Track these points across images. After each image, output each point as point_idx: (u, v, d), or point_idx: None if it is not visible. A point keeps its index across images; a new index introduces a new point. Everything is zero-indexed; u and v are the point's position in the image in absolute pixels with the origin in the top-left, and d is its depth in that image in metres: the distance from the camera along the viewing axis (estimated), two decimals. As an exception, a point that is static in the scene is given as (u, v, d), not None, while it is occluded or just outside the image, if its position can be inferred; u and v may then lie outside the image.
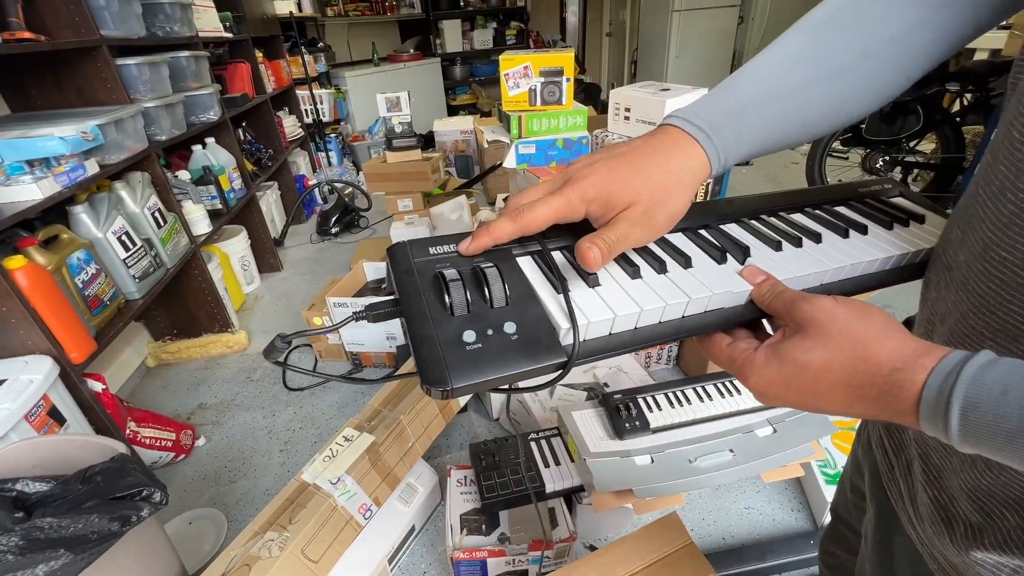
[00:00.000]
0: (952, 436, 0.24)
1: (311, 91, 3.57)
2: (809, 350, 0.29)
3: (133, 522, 0.69)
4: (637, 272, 0.37)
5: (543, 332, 0.32)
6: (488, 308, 0.33)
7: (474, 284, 0.34)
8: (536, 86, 1.24)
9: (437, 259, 0.35)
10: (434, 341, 0.31)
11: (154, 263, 1.51)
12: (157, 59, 1.63)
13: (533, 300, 0.34)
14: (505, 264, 0.36)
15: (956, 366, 0.25)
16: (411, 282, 0.34)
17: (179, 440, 1.42)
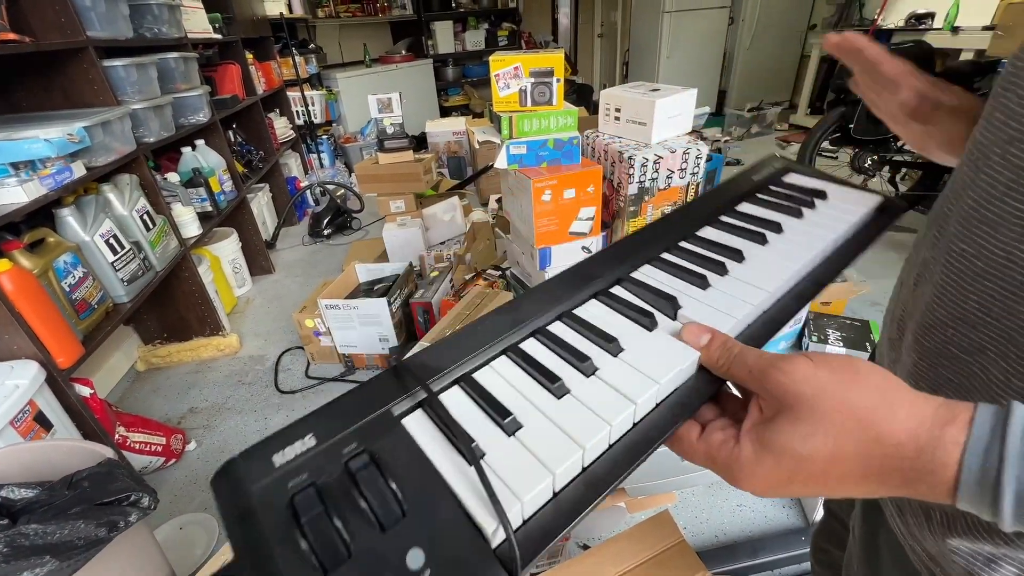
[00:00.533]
0: (1003, 522, 0.21)
1: (302, 92, 3.56)
2: (807, 439, 0.24)
3: (121, 528, 0.69)
4: (563, 388, 0.30)
5: (464, 544, 0.23)
6: (378, 535, 0.23)
7: (347, 500, 0.24)
8: (526, 87, 1.24)
9: (287, 472, 0.25)
10: None
11: (143, 266, 1.50)
12: (145, 60, 1.62)
13: (439, 489, 0.25)
14: (387, 440, 0.27)
15: (994, 439, 0.21)
16: (252, 533, 0.23)
17: (169, 445, 1.41)
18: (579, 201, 1.28)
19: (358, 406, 0.28)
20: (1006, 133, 0.28)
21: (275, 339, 2.00)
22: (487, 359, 0.33)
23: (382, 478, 0.25)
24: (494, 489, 0.24)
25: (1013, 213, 0.27)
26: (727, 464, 0.27)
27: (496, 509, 0.23)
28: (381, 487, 0.24)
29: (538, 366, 0.31)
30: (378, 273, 1.86)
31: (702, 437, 0.28)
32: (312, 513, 0.23)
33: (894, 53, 1.81)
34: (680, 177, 1.26)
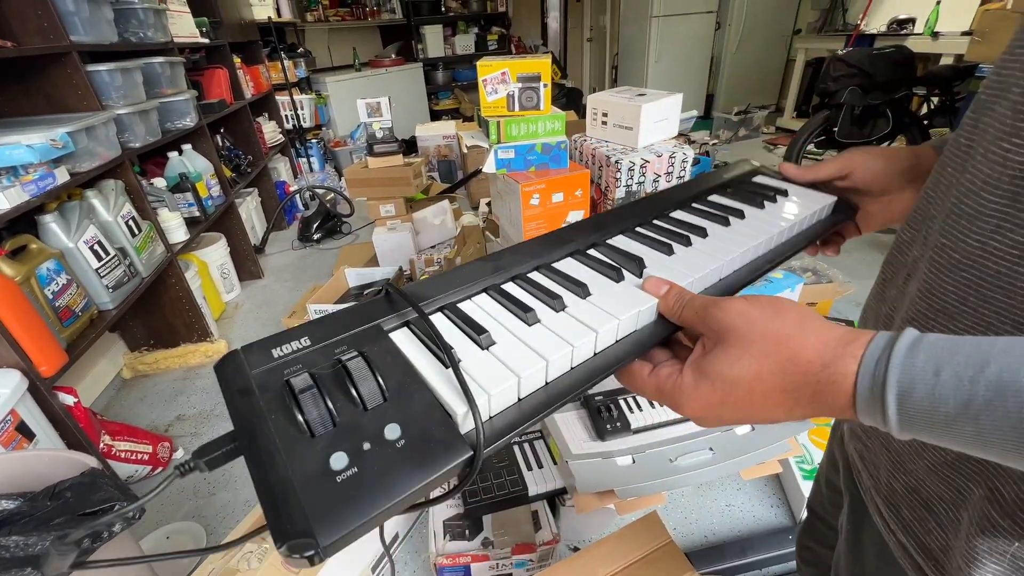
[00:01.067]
0: (891, 426, 0.24)
1: (291, 97, 3.54)
2: (735, 362, 0.28)
3: (105, 538, 0.68)
4: (534, 317, 0.33)
5: (436, 425, 0.26)
6: (361, 413, 0.26)
7: (337, 386, 0.27)
8: (514, 92, 1.24)
9: (284, 362, 0.28)
10: (288, 484, 0.23)
11: (128, 272, 1.48)
12: (130, 65, 1.61)
13: (418, 385, 0.28)
14: (376, 346, 0.30)
15: (884, 350, 0.24)
16: (250, 405, 0.26)
17: (156, 453, 1.39)
18: (567, 205, 1.29)
19: (351, 319, 0.32)
20: (989, 133, 0.30)
21: (264, 345, 1.98)
22: (470, 295, 0.37)
23: (368, 369, 0.28)
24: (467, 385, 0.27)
25: (988, 207, 0.29)
26: (671, 392, 0.31)
27: (466, 396, 0.27)
28: (366, 376, 0.27)
29: (514, 300, 0.36)
30: (368, 277, 1.85)
31: (653, 372, 0.32)
32: (303, 389, 0.26)
33: (875, 57, 1.85)
34: (667, 181, 1.27)
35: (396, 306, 0.34)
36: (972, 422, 0.22)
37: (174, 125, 1.95)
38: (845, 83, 2.27)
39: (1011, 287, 0.27)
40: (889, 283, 0.40)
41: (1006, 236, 0.27)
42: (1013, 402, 0.20)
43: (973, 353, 0.22)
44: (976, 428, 0.22)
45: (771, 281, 1.57)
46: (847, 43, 3.51)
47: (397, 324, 0.34)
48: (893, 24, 3.34)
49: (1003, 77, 0.30)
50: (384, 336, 0.32)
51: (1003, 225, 0.27)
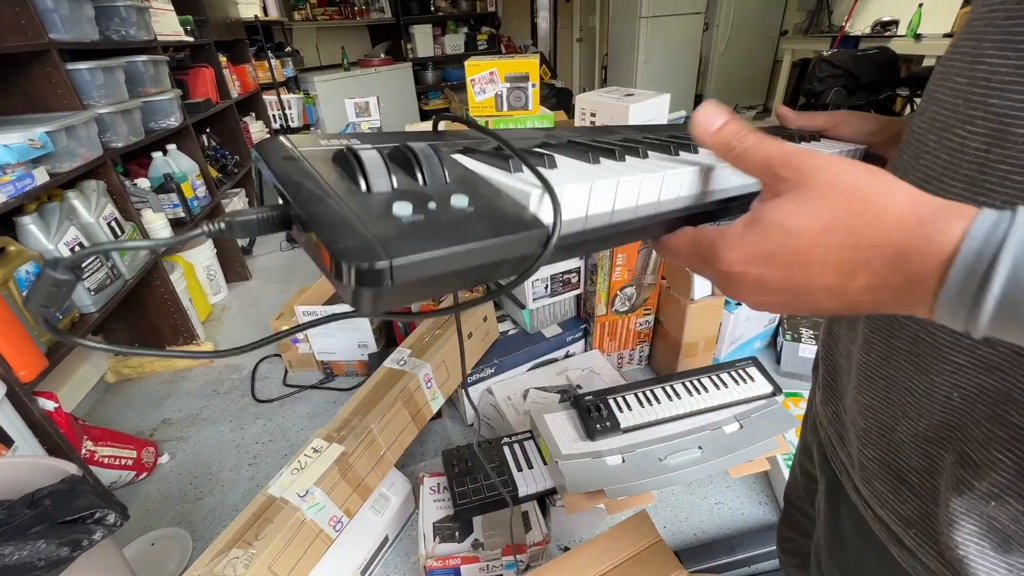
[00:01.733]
0: (987, 305, 0.19)
1: (279, 96, 3.51)
2: (804, 213, 0.23)
3: (84, 546, 0.66)
4: (596, 158, 0.31)
5: (507, 204, 0.24)
6: (423, 186, 0.24)
7: (398, 165, 0.25)
8: (502, 91, 1.24)
9: (329, 148, 0.26)
10: (345, 217, 0.20)
11: (111, 275, 1.46)
12: (111, 64, 1.58)
13: (482, 181, 0.26)
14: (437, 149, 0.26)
15: (1003, 216, 0.20)
16: (298, 168, 0.24)
17: (140, 458, 1.37)
18: (556, 205, 1.29)
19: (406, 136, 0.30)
20: (940, 121, 0.31)
21: (252, 347, 1.96)
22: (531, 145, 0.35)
23: (436, 157, 0.25)
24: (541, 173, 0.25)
25: (949, 192, 0.30)
26: (711, 242, 0.26)
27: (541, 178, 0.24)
28: (429, 156, 0.25)
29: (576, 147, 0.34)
30: (357, 278, 1.84)
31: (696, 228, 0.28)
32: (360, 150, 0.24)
33: (860, 58, 1.89)
34: (655, 180, 1.28)
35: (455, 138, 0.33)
36: None
37: (158, 125, 1.92)
38: (830, 84, 2.30)
39: None
40: None
41: None
42: None
43: None
44: None
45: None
46: (832, 44, 3.56)
47: (457, 148, 0.32)
48: (877, 26, 3.39)
49: (947, 67, 0.31)
50: (447, 154, 0.29)
51: None
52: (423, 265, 0.19)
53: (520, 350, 1.41)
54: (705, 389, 1.14)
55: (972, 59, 0.29)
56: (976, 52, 0.29)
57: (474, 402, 1.42)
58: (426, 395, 1.20)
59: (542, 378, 1.40)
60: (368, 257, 0.18)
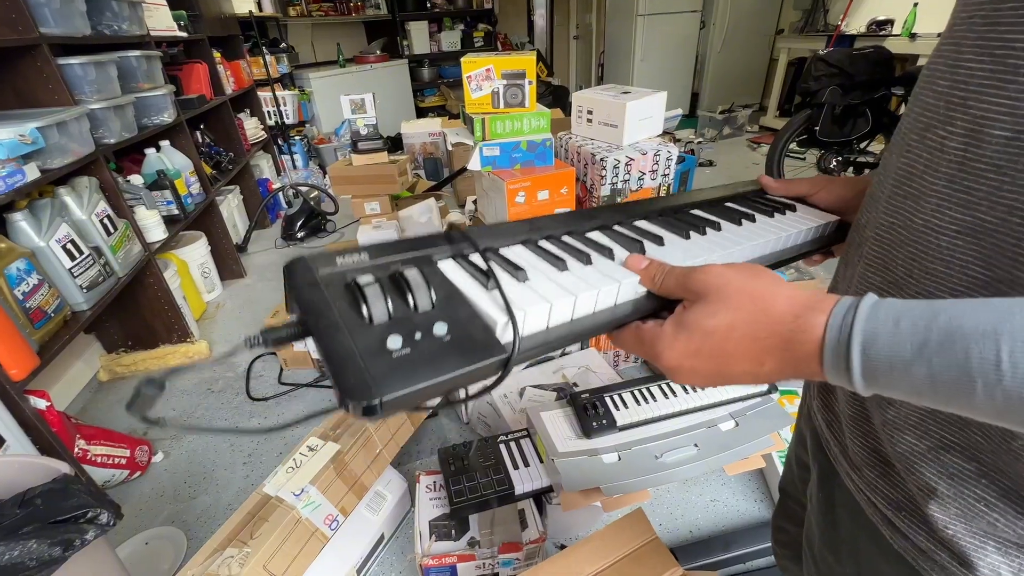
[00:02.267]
0: (855, 375, 0.25)
1: (273, 92, 3.48)
2: (712, 315, 0.31)
3: (77, 546, 0.66)
4: (564, 265, 0.37)
5: (478, 330, 0.30)
6: (412, 312, 0.30)
7: (394, 289, 0.31)
8: (499, 88, 1.24)
9: (346, 270, 0.32)
10: (351, 351, 0.27)
11: (104, 272, 1.44)
12: (104, 59, 1.56)
13: (461, 301, 0.32)
14: (427, 267, 0.34)
15: (851, 306, 0.27)
16: (317, 294, 0.30)
17: (134, 457, 1.36)
18: (553, 203, 1.28)
19: (404, 246, 0.36)
20: (922, 122, 0.32)
21: (247, 345, 1.95)
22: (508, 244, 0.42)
23: (421, 278, 0.32)
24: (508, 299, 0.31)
25: (930, 188, 0.31)
26: (651, 341, 0.33)
27: (507, 306, 0.31)
28: (419, 284, 0.31)
29: (547, 252, 0.40)
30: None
31: (637, 325, 0.36)
32: (367, 284, 0.30)
33: (855, 57, 1.89)
34: (652, 178, 1.28)
35: (445, 242, 0.38)
36: (926, 364, 0.24)
37: (151, 121, 1.90)
38: (826, 82, 2.31)
39: (950, 259, 0.30)
40: (846, 263, 0.43)
41: (945, 214, 0.30)
42: (960, 344, 0.23)
43: (926, 307, 0.25)
44: (929, 371, 0.23)
45: (754, 278, 1.59)
46: (828, 43, 3.57)
47: (445, 255, 0.38)
48: (872, 25, 3.40)
49: (931, 71, 0.33)
50: (433, 263, 0.36)
51: (943, 204, 0.30)
52: (406, 397, 0.26)
53: (516, 348, 1.41)
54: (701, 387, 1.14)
55: (953, 63, 0.30)
56: (956, 56, 0.30)
57: (470, 400, 1.42)
58: (422, 393, 1.19)
59: (539, 376, 1.40)
60: (363, 397, 0.25)
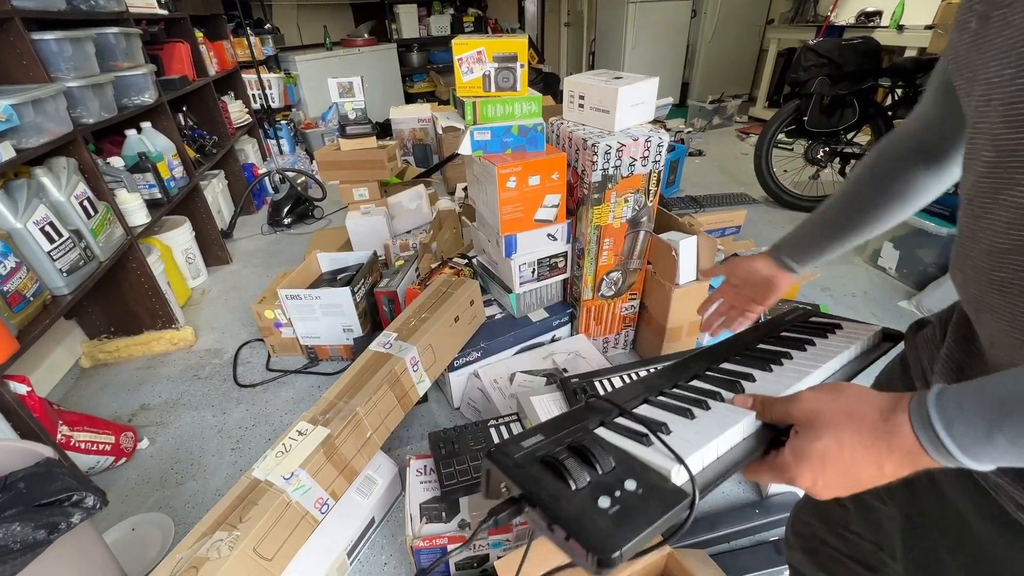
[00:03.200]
0: (962, 460, 0.30)
1: (258, 75, 3.40)
2: (818, 438, 0.36)
3: (62, 529, 0.65)
4: (691, 414, 0.44)
5: (659, 479, 0.36)
6: (602, 475, 0.37)
7: (580, 458, 0.38)
8: (490, 72, 1.22)
9: (531, 449, 0.40)
10: (579, 518, 0.33)
11: (84, 256, 1.41)
12: (80, 35, 1.51)
13: (632, 458, 0.39)
14: (590, 436, 0.41)
15: (921, 400, 0.32)
16: (524, 475, 0.37)
17: (119, 443, 1.34)
18: (544, 188, 1.28)
19: (565, 422, 0.44)
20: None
21: (233, 331, 1.92)
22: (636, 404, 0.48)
23: (599, 447, 0.38)
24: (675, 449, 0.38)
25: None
26: (781, 470, 0.38)
27: (676, 456, 0.37)
28: (599, 452, 0.38)
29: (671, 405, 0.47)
30: (341, 262, 1.81)
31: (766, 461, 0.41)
32: (563, 460, 0.37)
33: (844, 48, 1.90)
34: (643, 165, 1.28)
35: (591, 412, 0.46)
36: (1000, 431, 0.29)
37: (131, 101, 1.85)
38: (815, 73, 2.32)
39: None
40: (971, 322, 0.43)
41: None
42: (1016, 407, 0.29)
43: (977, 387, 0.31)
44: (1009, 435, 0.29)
45: (742, 266, 1.60)
46: (817, 33, 3.58)
47: (596, 423, 0.45)
48: (861, 16, 3.42)
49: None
50: (591, 432, 0.43)
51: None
52: (633, 546, 0.32)
53: (507, 334, 1.41)
54: (689, 372, 1.16)
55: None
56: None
57: (461, 385, 1.42)
58: (412, 378, 1.19)
59: (528, 362, 1.40)
60: (607, 551, 0.31)
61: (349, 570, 1.09)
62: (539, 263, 1.39)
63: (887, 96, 2.56)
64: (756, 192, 2.84)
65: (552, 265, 1.42)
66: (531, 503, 0.35)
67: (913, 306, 1.84)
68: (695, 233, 1.42)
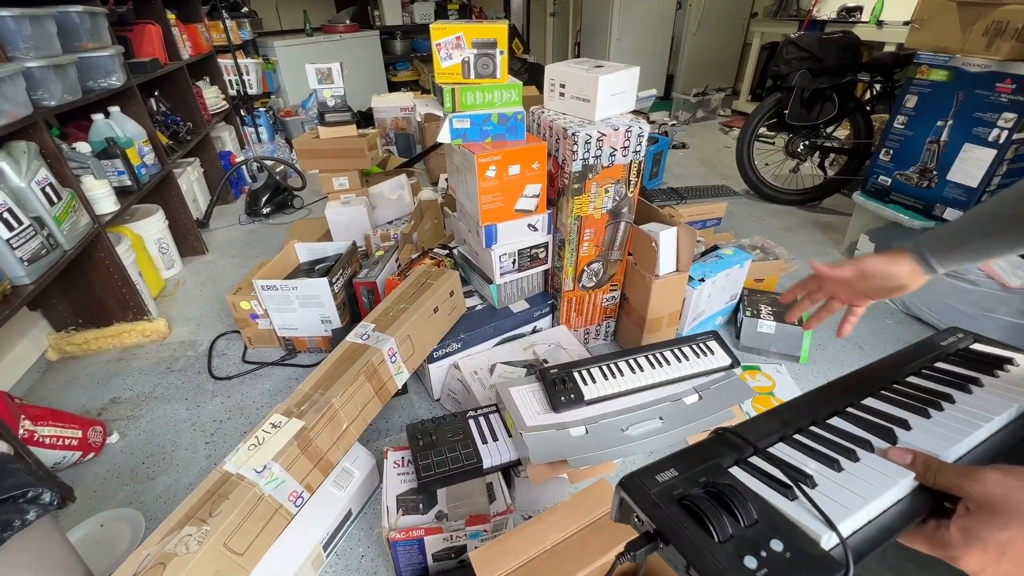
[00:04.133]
0: None
1: (235, 60, 3.30)
2: (1004, 527, 0.33)
3: (16, 527, 0.62)
4: (838, 465, 0.41)
5: (807, 543, 0.34)
6: (744, 528, 0.35)
7: (719, 504, 0.36)
8: (469, 58, 1.20)
9: (666, 485, 0.39)
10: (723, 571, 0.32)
11: (47, 244, 1.35)
12: (40, 12, 1.44)
13: (774, 512, 0.36)
14: (726, 478, 0.39)
15: None
16: (662, 515, 0.36)
17: (87, 438, 1.30)
18: (524, 178, 1.27)
19: (696, 456, 0.42)
20: None
21: (209, 323, 1.88)
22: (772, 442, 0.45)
23: (740, 494, 0.36)
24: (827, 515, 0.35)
25: None
26: (942, 546, 0.35)
27: (829, 524, 0.35)
28: (742, 501, 0.36)
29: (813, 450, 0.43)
30: (320, 253, 1.78)
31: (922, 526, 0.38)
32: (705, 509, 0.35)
33: (825, 42, 1.91)
34: (623, 155, 1.27)
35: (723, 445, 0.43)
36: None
37: (97, 84, 1.78)
38: (796, 66, 2.33)
39: None
40: None
41: None
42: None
43: None
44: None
45: (721, 257, 1.62)
46: (800, 27, 3.61)
47: (730, 462, 0.42)
48: (842, 11, 3.45)
49: None
50: (726, 471, 0.40)
51: None
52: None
53: (487, 325, 1.40)
54: (667, 362, 1.17)
55: None
56: None
57: (441, 377, 1.41)
58: (390, 369, 1.18)
59: (509, 353, 1.40)
60: None
61: (325, 563, 1.08)
62: (520, 254, 1.38)
63: (866, 91, 2.60)
64: (738, 185, 2.86)
65: (533, 256, 1.41)
66: (666, 540, 0.35)
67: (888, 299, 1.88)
68: (676, 224, 1.42)
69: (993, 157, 1.64)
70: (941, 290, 1.67)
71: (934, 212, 1.83)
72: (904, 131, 1.89)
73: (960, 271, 1.66)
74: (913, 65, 1.84)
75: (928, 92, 1.80)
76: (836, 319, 0.73)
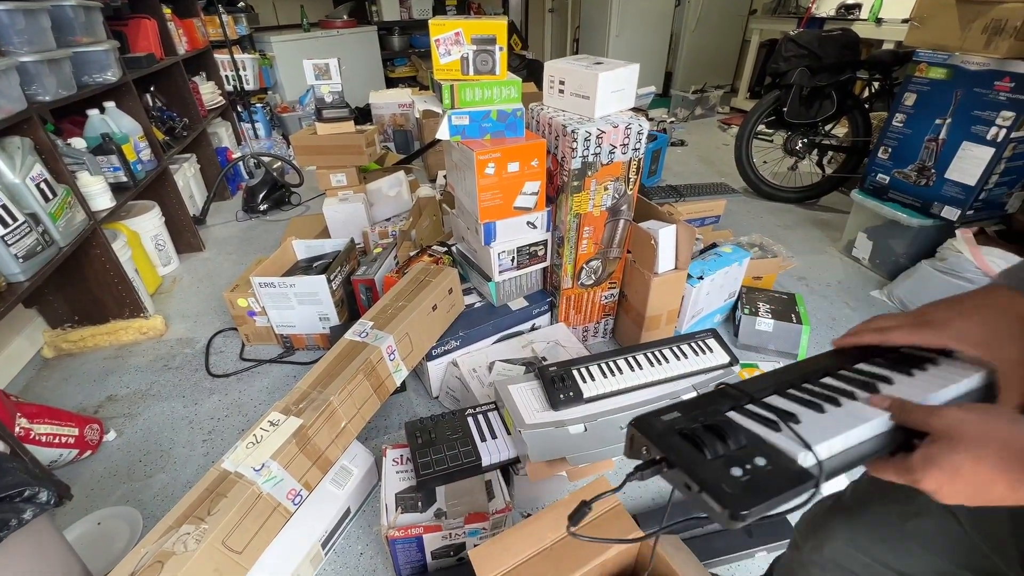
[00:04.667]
0: None
1: (232, 55, 3.28)
2: (955, 451, 0.37)
3: (12, 526, 0.62)
4: (821, 408, 0.45)
5: (786, 461, 0.39)
6: (734, 451, 0.40)
7: (714, 435, 0.41)
8: (468, 54, 1.19)
9: (670, 422, 0.44)
10: (717, 478, 0.37)
11: (42, 241, 1.34)
12: (34, 6, 1.42)
13: (760, 439, 0.41)
14: (722, 417, 0.44)
15: None
16: (665, 442, 0.42)
17: (83, 435, 1.30)
18: (523, 175, 1.26)
19: (697, 403, 0.47)
20: None
21: (206, 320, 1.87)
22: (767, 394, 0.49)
23: (731, 426, 0.42)
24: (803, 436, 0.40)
25: None
26: (905, 470, 0.39)
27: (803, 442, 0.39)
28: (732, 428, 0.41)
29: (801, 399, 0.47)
30: (318, 250, 1.77)
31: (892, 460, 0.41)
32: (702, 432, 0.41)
33: (824, 39, 1.88)
34: (622, 152, 1.27)
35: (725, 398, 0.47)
36: None
37: (93, 79, 1.76)
38: (795, 64, 2.33)
39: None
40: None
41: None
42: None
43: None
44: None
45: (720, 255, 1.62)
46: (799, 25, 3.60)
47: (727, 407, 0.47)
48: (841, 8, 3.45)
49: None
50: (723, 414, 0.45)
51: None
52: (761, 508, 0.35)
53: (486, 323, 1.40)
54: (666, 360, 1.17)
55: None
56: None
57: (440, 374, 1.41)
58: (389, 367, 1.17)
59: (508, 351, 1.39)
60: (739, 507, 0.34)
61: (324, 561, 1.08)
62: (519, 251, 1.38)
63: (865, 89, 2.60)
64: (736, 182, 2.86)
65: (532, 253, 1.41)
66: (670, 465, 0.40)
67: (884, 296, 1.89)
68: (674, 222, 1.42)
69: (991, 155, 1.64)
70: (938, 289, 1.67)
71: (932, 210, 1.83)
72: (902, 129, 1.89)
73: (956, 269, 1.67)
74: (912, 63, 1.84)
75: (927, 90, 1.80)
76: (833, 315, 0.73)
